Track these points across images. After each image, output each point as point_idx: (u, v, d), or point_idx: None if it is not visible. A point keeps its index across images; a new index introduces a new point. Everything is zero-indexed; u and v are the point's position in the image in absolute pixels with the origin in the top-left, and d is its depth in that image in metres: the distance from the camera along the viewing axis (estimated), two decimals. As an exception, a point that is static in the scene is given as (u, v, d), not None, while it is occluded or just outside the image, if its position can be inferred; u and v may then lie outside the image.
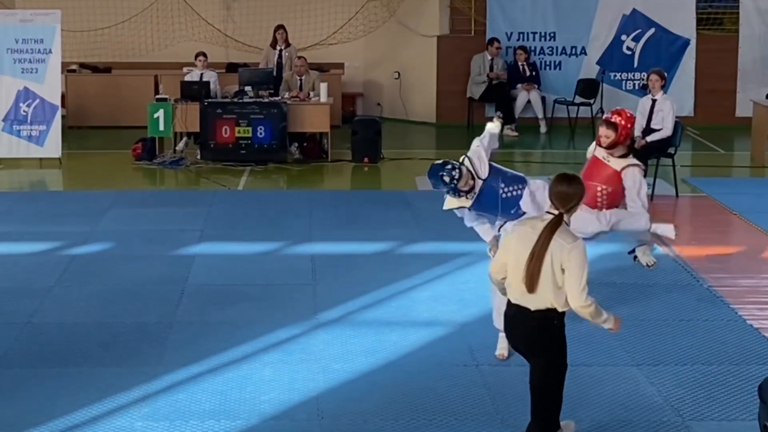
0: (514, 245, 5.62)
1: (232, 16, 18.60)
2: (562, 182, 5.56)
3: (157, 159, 14.55)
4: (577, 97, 17.36)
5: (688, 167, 14.27)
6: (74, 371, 7.07)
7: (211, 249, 10.12)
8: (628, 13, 17.63)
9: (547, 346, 5.65)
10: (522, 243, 5.55)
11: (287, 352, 7.43)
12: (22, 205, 12.08)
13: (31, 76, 14.51)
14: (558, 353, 5.68)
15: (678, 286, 9.02)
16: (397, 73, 18.39)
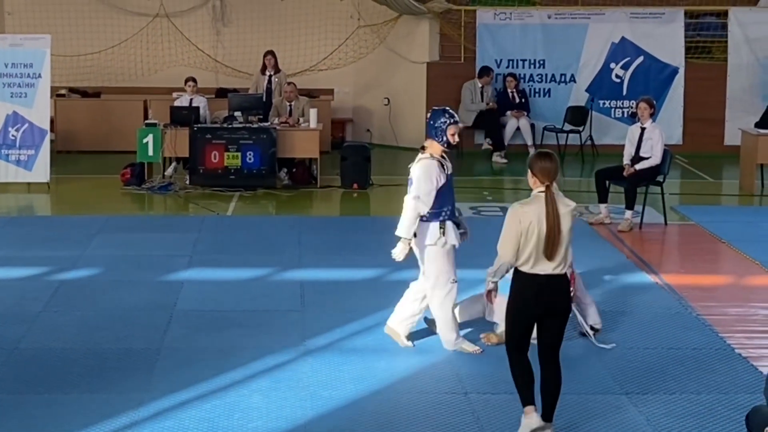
0: (534, 223, 6.17)
1: (222, 42, 18.66)
2: (544, 159, 6.30)
3: (146, 184, 14.53)
4: (566, 124, 17.42)
5: (676, 195, 14.32)
6: (61, 397, 7.03)
7: (200, 275, 10.09)
8: (617, 41, 17.74)
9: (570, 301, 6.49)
10: (540, 220, 6.16)
11: (275, 379, 7.40)
12: (10, 230, 12.04)
13: (20, 101, 14.50)
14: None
15: (667, 314, 9.02)
16: (387, 99, 18.44)
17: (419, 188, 7.62)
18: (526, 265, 6.25)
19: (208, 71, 18.34)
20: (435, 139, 7.71)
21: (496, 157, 17.12)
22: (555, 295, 6.28)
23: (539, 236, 6.18)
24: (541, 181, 6.27)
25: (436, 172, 7.62)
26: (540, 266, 6.23)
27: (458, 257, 7.94)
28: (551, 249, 6.17)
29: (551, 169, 6.26)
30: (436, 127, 7.69)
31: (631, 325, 8.68)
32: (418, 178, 7.65)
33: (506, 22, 17.79)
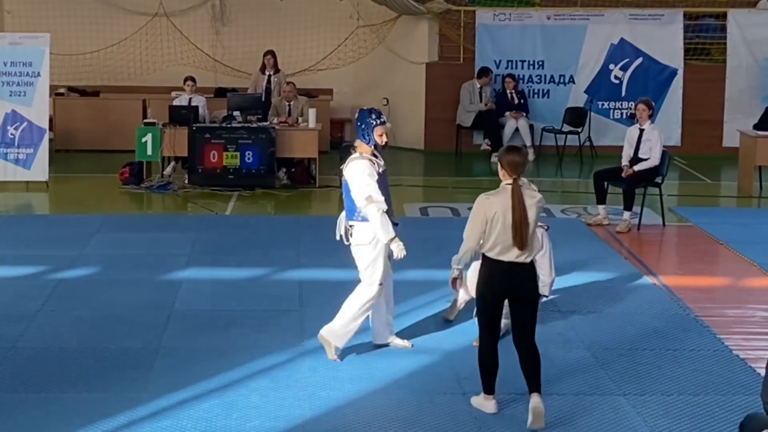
0: (499, 214, 6.54)
1: (221, 41, 18.65)
2: (512, 153, 6.67)
3: (145, 183, 14.53)
4: (565, 125, 17.43)
5: (675, 197, 14.32)
6: (59, 396, 7.03)
7: (198, 274, 10.09)
8: (616, 43, 17.75)
9: (537, 286, 6.85)
10: (506, 210, 6.53)
11: (274, 379, 7.40)
12: (8, 229, 12.04)
13: (19, 99, 14.50)
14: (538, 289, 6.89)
15: (664, 315, 9.02)
16: (386, 100, 18.44)
17: (365, 187, 7.54)
18: (492, 252, 6.64)
19: (207, 71, 18.33)
20: (362, 140, 7.66)
21: (494, 157, 17.10)
22: (518, 281, 6.64)
23: (504, 225, 6.54)
24: (509, 174, 6.61)
25: (369, 169, 7.57)
26: (504, 254, 6.60)
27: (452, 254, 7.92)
28: (520, 239, 6.53)
29: (519, 162, 6.60)
30: (363, 128, 7.63)
31: (629, 327, 8.68)
32: (354, 180, 7.58)
33: (505, 22, 17.79)
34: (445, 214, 13.22)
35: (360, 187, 7.55)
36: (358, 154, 7.68)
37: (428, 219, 12.95)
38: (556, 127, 17.41)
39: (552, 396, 7.14)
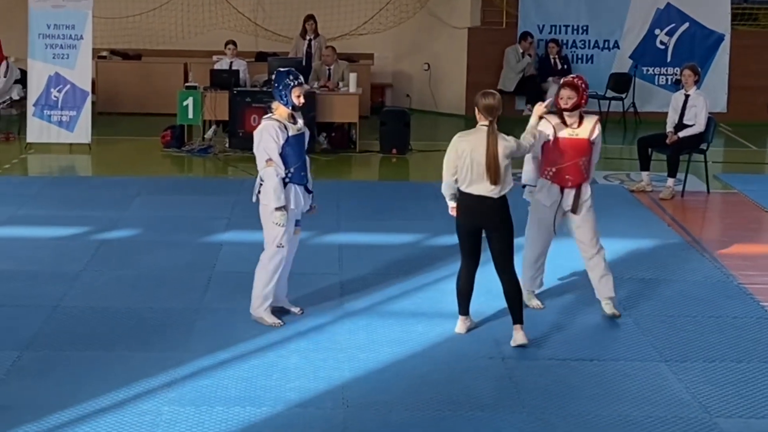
0: (467, 152, 7.15)
1: (262, 5, 18.61)
2: (488, 97, 7.20)
3: (186, 147, 14.58)
4: (608, 91, 17.24)
5: (719, 163, 14.15)
6: (101, 355, 7.10)
7: (238, 237, 10.12)
8: (662, 7, 17.50)
9: (509, 218, 7.31)
10: (474, 149, 7.13)
11: (313, 341, 7.42)
12: (51, 190, 12.14)
13: (62, 62, 14.57)
14: (512, 223, 7.35)
15: (708, 282, 8.94)
16: (427, 65, 18.34)
17: (266, 150, 7.53)
18: (463, 185, 7.25)
19: (248, 35, 18.31)
20: (280, 101, 7.58)
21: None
22: (487, 213, 7.24)
23: (472, 161, 7.13)
24: (485, 117, 7.16)
25: (274, 132, 7.52)
26: (473, 187, 7.20)
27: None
28: (492, 174, 7.10)
29: (494, 106, 7.13)
30: (281, 89, 7.55)
31: (671, 293, 8.61)
32: (259, 140, 7.57)
33: (550, -14, 17.61)
34: (486, 180, 13.13)
35: (262, 149, 7.54)
36: (269, 115, 7.65)
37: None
38: (599, 92, 17.20)
39: (593, 362, 7.12)
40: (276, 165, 7.52)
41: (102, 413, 6.21)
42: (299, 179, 7.67)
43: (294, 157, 7.60)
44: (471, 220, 7.32)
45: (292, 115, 7.68)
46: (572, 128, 7.75)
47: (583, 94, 7.73)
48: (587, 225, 7.89)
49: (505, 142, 7.20)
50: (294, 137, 7.60)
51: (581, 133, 7.75)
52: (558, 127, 7.77)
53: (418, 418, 6.23)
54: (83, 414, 6.20)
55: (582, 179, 7.83)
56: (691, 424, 6.23)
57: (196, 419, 6.17)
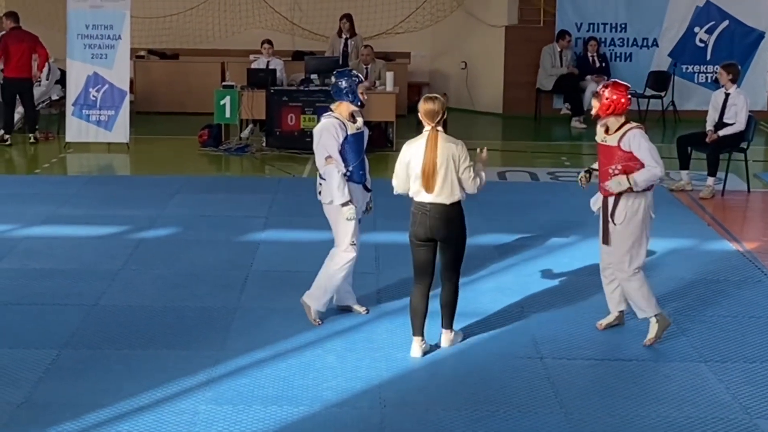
0: (411, 160, 6.96)
1: (299, 4, 18.64)
2: (428, 102, 6.96)
3: (223, 146, 14.63)
4: (647, 89, 17.11)
5: (760, 162, 14.00)
6: (140, 353, 7.13)
7: (276, 236, 10.14)
8: (702, 5, 17.35)
9: (462, 229, 7.05)
10: (416, 155, 6.93)
11: (350, 340, 7.41)
12: (90, 189, 12.23)
13: (100, 62, 14.67)
14: (465, 233, 7.10)
15: (748, 282, 8.84)
16: (464, 63, 18.29)
17: (325, 147, 7.57)
18: (413, 193, 7.05)
19: (285, 34, 18.36)
20: (347, 99, 7.57)
21: (574, 122, 16.92)
22: (436, 221, 6.95)
23: (418, 169, 6.91)
24: (427, 122, 6.94)
25: (334, 130, 7.54)
26: (421, 196, 6.98)
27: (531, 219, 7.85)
28: (426, 182, 6.88)
29: (434, 111, 6.90)
30: (346, 87, 7.55)
31: (711, 293, 8.52)
32: (318, 141, 7.59)
33: (588, -16, 17.50)
34: (524, 179, 13.09)
35: (323, 147, 7.56)
36: (329, 113, 7.65)
37: (506, 183, 12.84)
38: (638, 91, 17.05)
39: (632, 362, 7.07)
40: (336, 162, 7.54)
41: (140, 412, 6.23)
42: (359, 177, 7.69)
43: (353, 155, 7.61)
44: (421, 230, 7.01)
45: (352, 114, 7.67)
46: (607, 134, 7.42)
47: (607, 103, 7.31)
48: (617, 242, 7.36)
49: (451, 145, 6.92)
50: (353, 136, 7.61)
51: (610, 140, 7.36)
52: (599, 133, 7.50)
53: (455, 418, 6.21)
54: (121, 413, 6.22)
55: None
56: (732, 426, 6.16)
57: (233, 418, 6.18)
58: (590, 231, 10.17)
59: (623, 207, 7.31)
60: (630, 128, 7.36)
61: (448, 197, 6.93)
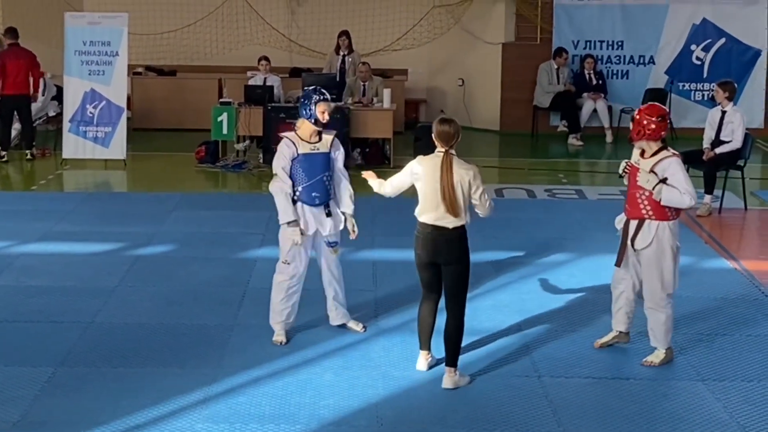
0: (423, 176, 6.87)
1: (296, 21, 18.68)
2: (443, 124, 6.85)
3: (220, 162, 14.63)
4: (643, 107, 17.10)
5: (757, 180, 14.01)
6: (136, 371, 7.11)
7: (273, 253, 10.03)
8: (698, 23, 17.39)
9: (464, 253, 6.88)
10: (430, 176, 6.82)
11: (347, 358, 7.39)
12: (87, 206, 12.21)
13: (97, 78, 14.68)
14: (468, 259, 6.92)
15: (745, 300, 8.83)
16: (461, 80, 18.32)
17: (274, 165, 7.64)
18: (420, 214, 6.94)
19: (283, 50, 18.38)
20: (304, 115, 7.57)
21: (571, 139, 16.94)
22: (440, 244, 6.83)
23: (428, 187, 6.83)
24: (441, 145, 6.84)
25: (284, 147, 7.56)
26: (427, 215, 6.88)
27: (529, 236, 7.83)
28: (448, 203, 6.75)
29: (450, 133, 6.81)
30: (306, 103, 7.55)
31: (708, 312, 8.51)
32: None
33: (584, 2, 17.52)
34: (521, 196, 13.09)
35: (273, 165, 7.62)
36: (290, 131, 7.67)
37: (504, 200, 12.83)
38: (635, 108, 17.07)
39: (630, 381, 7.05)
40: (280, 180, 7.55)
41: (136, 430, 6.21)
42: (309, 200, 7.61)
43: (303, 175, 7.57)
44: (425, 252, 6.91)
45: (319, 133, 7.61)
46: (642, 158, 7.26)
47: (636, 125, 7.17)
48: (646, 272, 7.28)
49: (463, 171, 6.83)
50: (306, 156, 7.56)
51: (644, 164, 7.21)
52: (635, 155, 7.36)
53: (453, 437, 6.18)
54: (118, 431, 6.20)
55: (639, 214, 7.23)
56: (731, 445, 6.15)
57: (230, 436, 6.16)
58: (588, 248, 10.19)
59: (646, 232, 7.21)
60: (667, 155, 7.19)
61: (452, 221, 6.81)
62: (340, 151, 7.79)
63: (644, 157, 7.27)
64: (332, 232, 7.76)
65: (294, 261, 7.69)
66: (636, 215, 7.26)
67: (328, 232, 7.73)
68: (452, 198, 6.75)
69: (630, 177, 7.36)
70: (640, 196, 7.21)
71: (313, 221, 7.66)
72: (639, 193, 7.22)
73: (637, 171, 7.25)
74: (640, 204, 7.23)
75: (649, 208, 7.20)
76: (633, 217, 7.27)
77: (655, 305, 7.32)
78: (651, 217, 7.21)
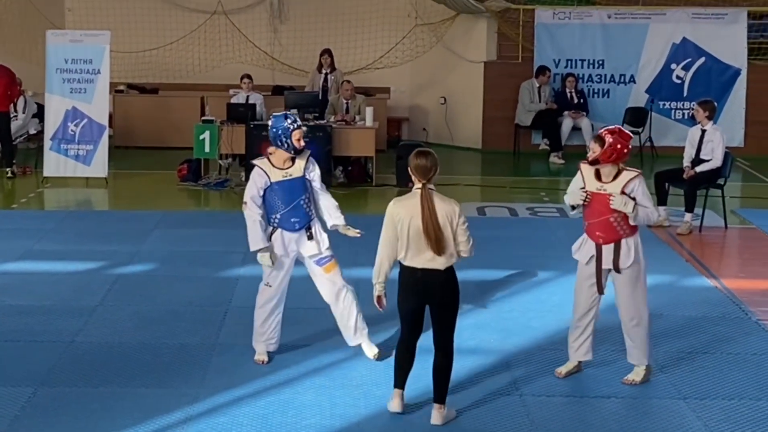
0: (405, 220, 6.43)
1: (279, 39, 18.72)
2: (419, 157, 6.46)
3: (202, 180, 14.61)
4: (625, 125, 17.19)
5: (737, 198, 14.09)
6: (117, 391, 7.07)
7: (255, 271, 10.02)
8: (678, 42, 17.52)
9: (456, 295, 6.60)
10: (412, 216, 6.41)
11: (330, 377, 7.38)
12: (68, 224, 12.16)
13: (79, 96, 14.66)
14: (458, 297, 6.63)
15: (726, 318, 8.86)
16: (443, 99, 18.37)
17: (245, 193, 7.58)
18: (405, 259, 6.52)
19: (265, 68, 18.41)
20: (280, 146, 7.42)
21: (553, 157, 17.00)
22: (432, 288, 6.48)
23: (412, 230, 6.42)
24: (418, 179, 6.46)
25: (257, 176, 7.48)
26: (415, 260, 6.47)
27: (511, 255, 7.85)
28: (433, 242, 6.39)
29: (425, 167, 6.42)
30: (279, 134, 7.39)
31: (689, 330, 8.54)
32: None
33: (565, 21, 17.64)
34: (503, 214, 13.12)
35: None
36: (261, 157, 7.58)
37: (485, 218, 12.86)
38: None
39: (610, 399, 7.06)
40: (249, 208, 7.50)
41: (117, 450, 6.19)
42: (289, 226, 7.57)
43: (279, 203, 7.52)
44: (415, 299, 6.55)
45: (292, 158, 7.54)
46: (603, 182, 7.18)
47: (610, 149, 7.07)
48: (626, 289, 7.25)
49: (447, 206, 6.48)
50: (279, 183, 7.49)
51: (610, 188, 7.13)
52: (589, 180, 7.24)
53: (435, 457, 6.18)
54: (98, 451, 6.18)
55: (616, 236, 7.17)
56: (712, 464, 6.16)
57: (211, 457, 6.14)
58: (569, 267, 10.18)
59: (626, 251, 7.17)
60: (633, 176, 7.17)
61: (444, 262, 6.47)
62: (315, 171, 7.68)
63: (603, 180, 7.19)
64: (316, 252, 7.73)
65: (274, 283, 7.68)
66: (612, 238, 7.19)
67: (312, 253, 7.70)
68: (438, 236, 6.40)
69: (592, 204, 7.22)
70: (615, 219, 7.15)
71: (294, 246, 7.63)
72: (613, 217, 7.14)
73: (603, 197, 7.15)
74: (616, 227, 7.17)
75: (625, 227, 7.19)
76: (608, 242, 7.19)
77: (639, 320, 7.31)
78: (627, 235, 7.20)
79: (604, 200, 7.15)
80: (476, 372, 7.52)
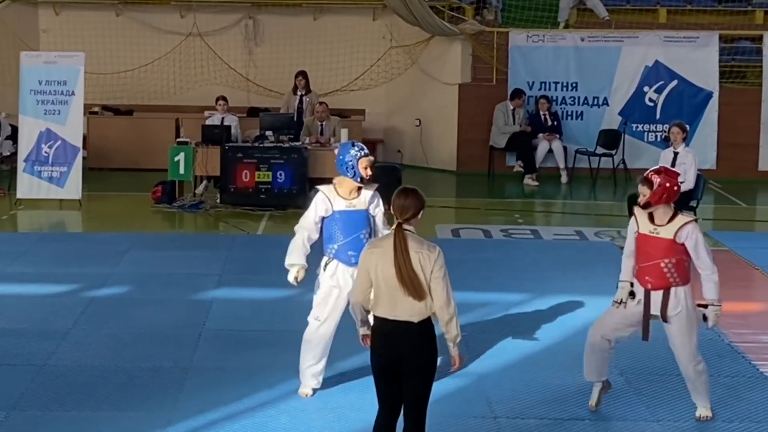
0: (375, 266, 5.81)
1: (254, 61, 18.75)
2: (400, 196, 5.87)
3: (177, 202, 14.57)
4: (598, 147, 17.33)
5: (710, 221, 14.19)
6: (90, 415, 7.03)
7: (229, 294, 10.08)
8: (651, 65, 17.65)
9: (432, 355, 5.82)
10: (383, 260, 5.77)
11: (303, 401, 7.37)
12: (41, 247, 12.10)
13: (53, 118, 14.60)
14: (435, 361, 5.86)
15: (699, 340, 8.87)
16: (418, 121, 18.43)
17: (303, 216, 7.45)
18: (376, 309, 5.85)
19: (240, 90, 18.42)
20: (347, 174, 7.26)
21: (527, 179, 17.07)
22: (404, 345, 5.72)
23: (383, 277, 5.77)
24: (396, 218, 5.86)
25: (319, 202, 7.32)
26: (387, 310, 5.78)
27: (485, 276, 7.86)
28: (409, 286, 5.71)
29: (404, 206, 5.83)
30: (347, 161, 7.24)
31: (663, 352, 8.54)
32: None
33: (539, 44, 17.75)
34: (477, 236, 13.16)
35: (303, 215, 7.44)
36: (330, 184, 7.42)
37: (460, 240, 12.89)
38: (589, 149, 17.31)
39: (584, 421, 7.08)
40: (301, 227, 7.35)
41: (89, 475, 6.14)
42: (345, 259, 7.27)
43: (339, 234, 7.28)
44: (386, 352, 5.78)
45: (359, 188, 7.37)
46: (656, 225, 6.94)
47: (660, 189, 6.83)
48: (679, 338, 7.06)
49: (424, 251, 5.79)
50: (342, 213, 7.29)
51: (663, 233, 6.88)
52: (642, 224, 7.00)
53: (410, 480, 6.15)
54: (70, 476, 6.13)
55: (666, 283, 6.92)
56: (685, 486, 6.18)
57: (184, 481, 6.10)
58: (544, 288, 10.24)
59: (674, 300, 6.97)
60: (688, 221, 6.96)
61: (417, 311, 5.74)
62: (380, 207, 7.46)
63: (656, 223, 6.98)
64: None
65: (322, 316, 7.42)
66: (662, 285, 6.97)
67: None
68: (412, 277, 5.71)
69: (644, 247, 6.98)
70: (666, 264, 6.91)
71: (349, 281, 7.16)
72: (665, 262, 6.91)
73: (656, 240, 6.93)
74: (667, 274, 6.93)
75: (676, 276, 6.95)
76: (657, 288, 6.96)
77: (696, 364, 7.15)
78: (678, 284, 6.96)
79: (657, 243, 6.92)
80: (451, 394, 7.51)
